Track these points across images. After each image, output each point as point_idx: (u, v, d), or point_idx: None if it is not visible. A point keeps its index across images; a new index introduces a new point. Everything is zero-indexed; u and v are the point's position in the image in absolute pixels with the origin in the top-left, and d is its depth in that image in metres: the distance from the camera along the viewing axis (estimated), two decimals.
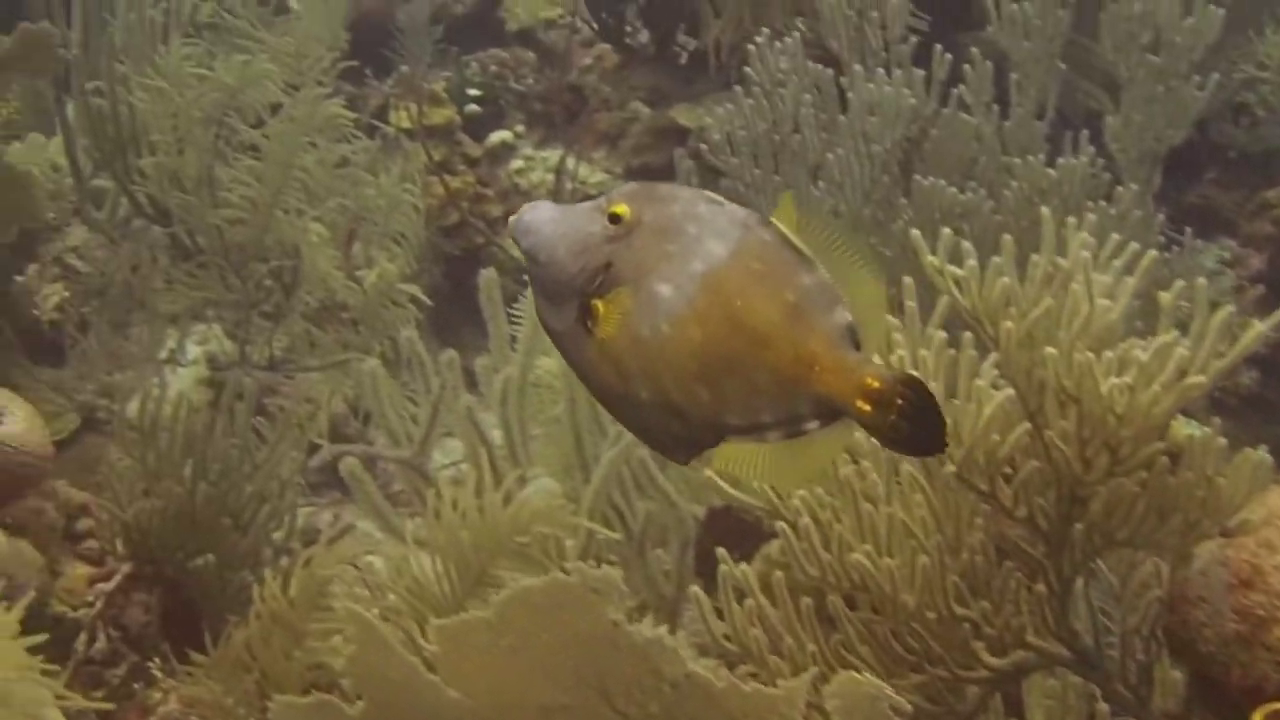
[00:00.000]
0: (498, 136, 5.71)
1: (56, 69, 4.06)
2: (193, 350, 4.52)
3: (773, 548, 2.45)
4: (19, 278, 4.60)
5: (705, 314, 1.32)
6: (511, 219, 1.42)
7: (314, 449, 3.79)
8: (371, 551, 3.12)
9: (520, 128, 5.79)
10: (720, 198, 1.37)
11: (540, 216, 1.40)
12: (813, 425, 1.34)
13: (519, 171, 5.59)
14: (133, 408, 3.43)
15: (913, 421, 1.30)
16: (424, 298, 4.26)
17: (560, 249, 1.38)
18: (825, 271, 1.32)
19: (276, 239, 4.10)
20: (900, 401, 1.29)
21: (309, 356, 4.25)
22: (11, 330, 4.34)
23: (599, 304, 1.36)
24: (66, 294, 4.53)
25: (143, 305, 4.44)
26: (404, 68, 5.85)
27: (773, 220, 1.34)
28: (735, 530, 2.66)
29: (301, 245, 4.03)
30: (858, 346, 1.32)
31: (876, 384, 1.30)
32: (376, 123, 5.36)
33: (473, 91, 5.83)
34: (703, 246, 1.33)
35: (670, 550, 2.89)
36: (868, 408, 1.30)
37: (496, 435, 3.04)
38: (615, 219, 1.37)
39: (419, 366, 3.31)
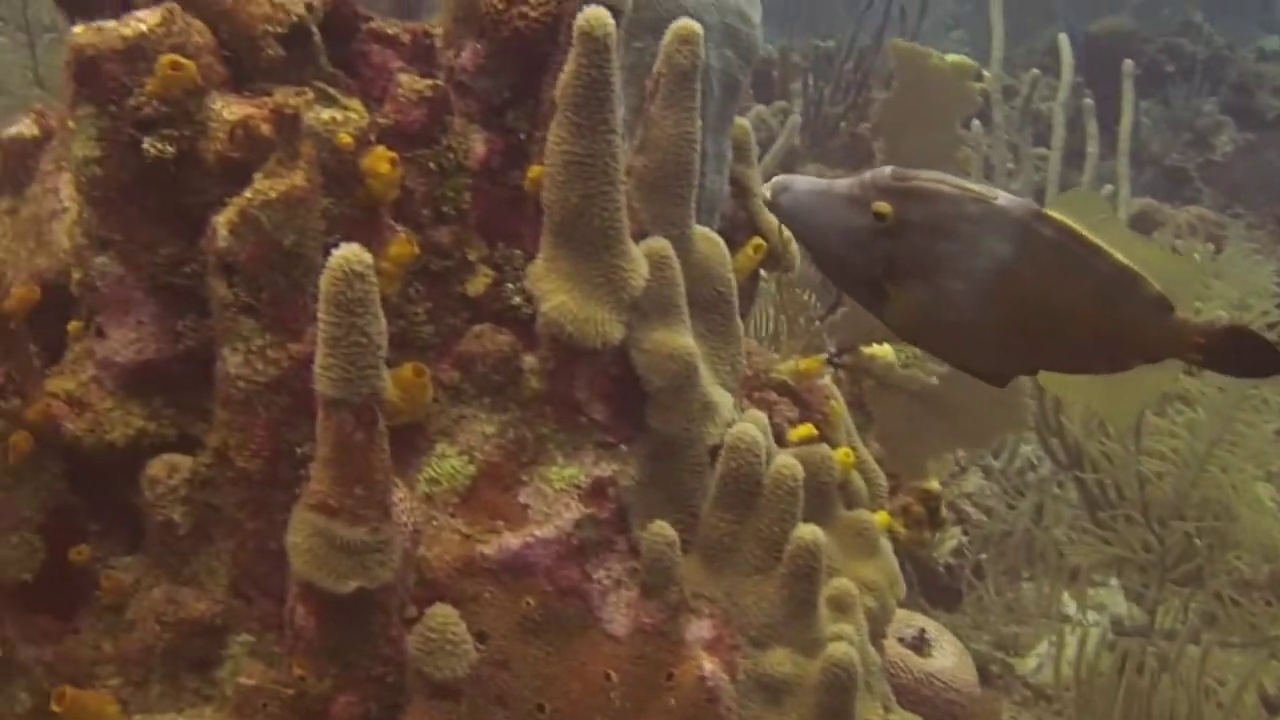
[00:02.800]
0: None
1: None
2: (1096, 610, 4.37)
3: None
4: None
5: (1005, 303, 1.34)
6: (768, 189, 1.42)
7: None
8: None
9: None
10: (986, 190, 1.33)
11: (800, 201, 1.40)
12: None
13: None
14: (1029, 664, 3.34)
15: (1250, 362, 1.37)
16: None
17: (832, 240, 1.39)
18: (1119, 256, 1.33)
19: (1203, 496, 3.88)
20: (1231, 352, 1.36)
21: (1227, 630, 3.94)
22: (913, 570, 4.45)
23: (891, 289, 1.38)
24: (964, 538, 4.61)
25: (1042, 557, 4.40)
26: None
27: (1051, 214, 1.32)
28: None
29: (1234, 506, 3.77)
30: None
31: (1203, 339, 1.36)
32: None
33: None
34: (984, 245, 1.33)
35: None
36: (1201, 359, 1.36)
37: None
38: (879, 217, 1.36)
39: None
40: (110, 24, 1.67)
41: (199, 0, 1.71)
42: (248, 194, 1.61)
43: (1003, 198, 1.36)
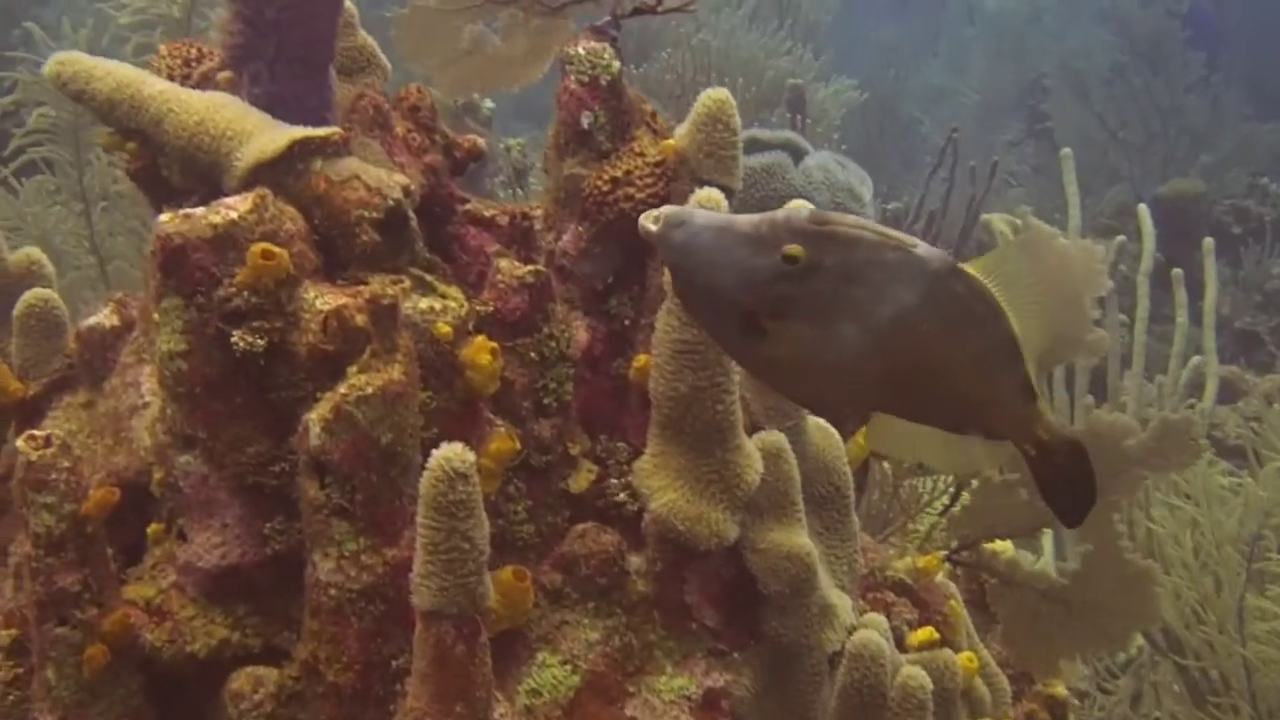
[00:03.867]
0: None
1: None
2: None
3: None
4: None
5: (891, 352, 1.31)
6: (655, 226, 1.31)
7: None
8: None
9: None
10: (906, 239, 1.29)
11: (697, 237, 1.33)
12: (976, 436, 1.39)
13: None
14: None
15: (1068, 480, 1.40)
16: None
17: (721, 276, 1.33)
18: (1013, 322, 1.32)
19: None
20: (1061, 460, 1.38)
21: None
22: None
23: (771, 325, 1.32)
24: None
25: None
26: None
27: (966, 269, 1.30)
28: None
29: None
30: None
31: (1046, 437, 1.37)
32: None
33: None
34: (891, 292, 1.30)
35: None
36: (1033, 453, 1.38)
37: None
38: (790, 259, 1.30)
39: None
40: (199, 211, 1.61)
41: (291, 185, 1.66)
42: (342, 389, 1.53)
43: (922, 248, 1.32)
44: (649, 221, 1.32)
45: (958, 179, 6.80)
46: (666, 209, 1.35)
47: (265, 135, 1.63)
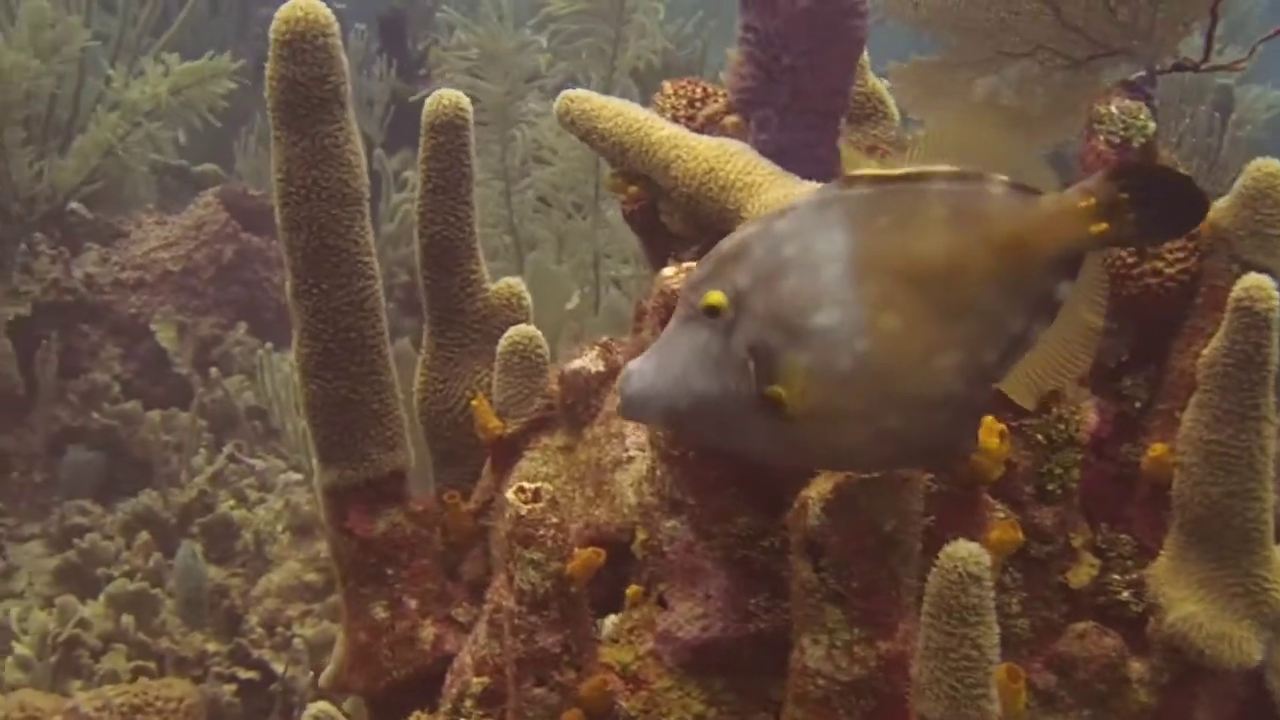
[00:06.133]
0: None
1: None
2: None
3: None
4: None
5: (885, 299, 1.18)
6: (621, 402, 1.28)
7: None
8: None
9: None
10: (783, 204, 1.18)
11: (645, 376, 1.26)
12: (1064, 287, 1.22)
13: None
14: None
15: (1155, 203, 1.19)
16: None
17: (698, 387, 1.24)
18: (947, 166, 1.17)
19: None
20: (1126, 195, 1.19)
21: None
22: None
23: (774, 390, 1.21)
24: None
25: None
26: None
27: (854, 174, 1.18)
28: None
29: None
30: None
31: (1091, 199, 1.19)
32: None
33: None
34: (819, 250, 1.18)
35: None
36: (1103, 225, 1.19)
37: None
38: (714, 310, 1.20)
39: None
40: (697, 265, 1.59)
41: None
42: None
43: (800, 198, 1.22)
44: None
45: None
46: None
47: (776, 189, 1.59)
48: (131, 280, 4.97)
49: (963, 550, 1.34)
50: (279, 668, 3.54)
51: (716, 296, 1.23)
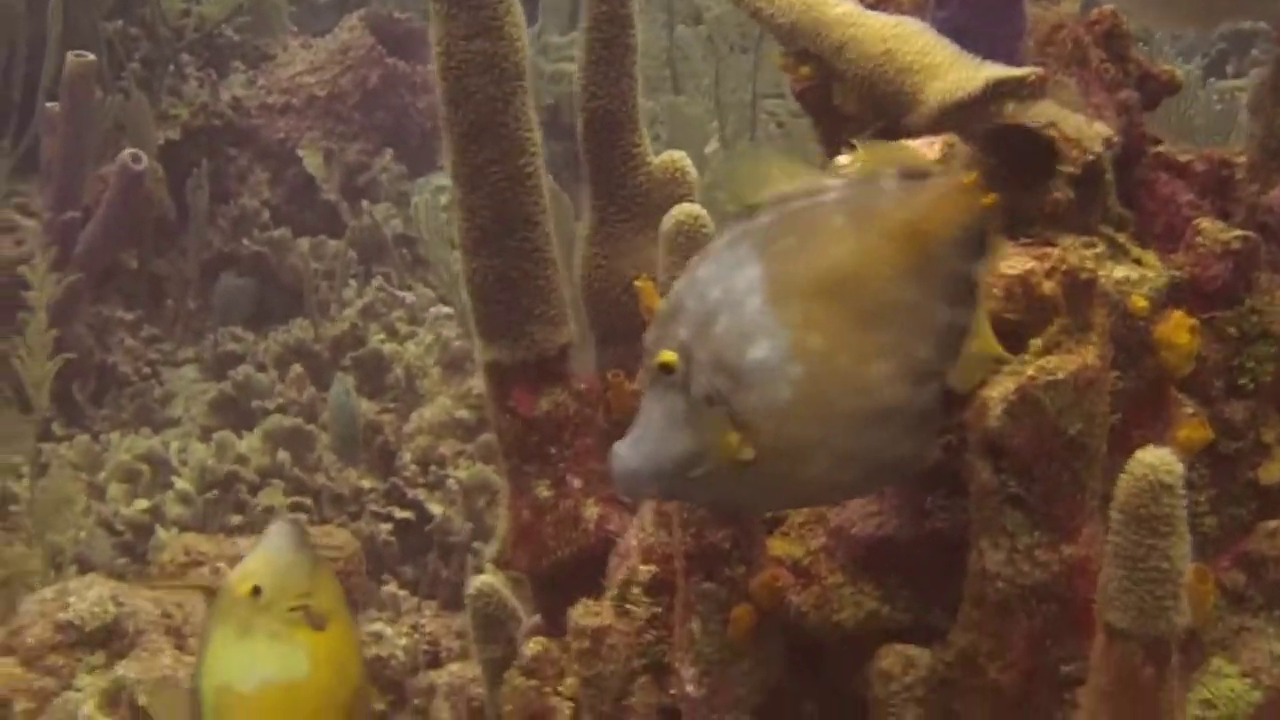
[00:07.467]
0: None
1: None
2: None
3: None
4: None
5: (806, 320, 1.21)
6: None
7: None
8: None
9: None
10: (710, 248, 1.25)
11: (641, 454, 1.26)
12: (979, 266, 1.27)
13: None
14: None
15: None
16: None
17: (684, 454, 1.25)
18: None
19: None
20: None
21: None
22: None
23: (728, 438, 1.24)
24: None
25: None
26: None
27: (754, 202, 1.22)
28: None
29: None
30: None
31: (975, 172, 1.28)
32: None
33: None
34: (738, 281, 1.22)
35: None
36: (994, 196, 1.26)
37: None
38: (668, 368, 1.24)
39: None
40: None
41: (977, 130, 1.55)
42: (1030, 370, 1.43)
43: (712, 242, 1.28)
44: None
45: None
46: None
47: (957, 72, 1.52)
48: (279, 104, 4.97)
49: (1155, 459, 1.29)
50: (434, 508, 3.59)
51: (667, 355, 1.25)
